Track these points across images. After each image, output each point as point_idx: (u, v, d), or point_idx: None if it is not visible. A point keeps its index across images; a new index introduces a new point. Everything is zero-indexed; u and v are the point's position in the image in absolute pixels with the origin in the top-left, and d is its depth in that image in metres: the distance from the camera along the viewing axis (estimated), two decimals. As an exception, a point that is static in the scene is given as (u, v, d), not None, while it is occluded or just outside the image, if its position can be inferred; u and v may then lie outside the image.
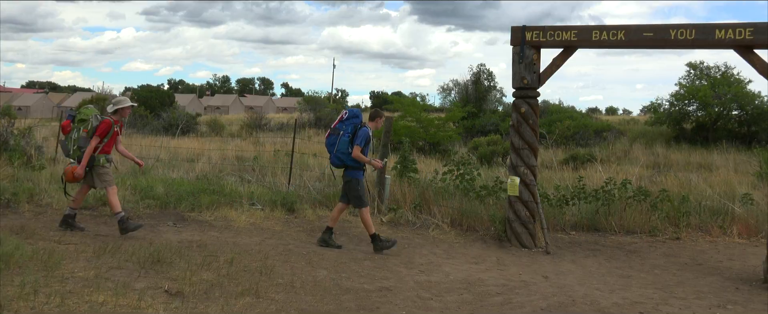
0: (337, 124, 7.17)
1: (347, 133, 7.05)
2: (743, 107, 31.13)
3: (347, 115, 7.16)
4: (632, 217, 9.38)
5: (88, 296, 4.96)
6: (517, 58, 8.09)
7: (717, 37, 7.17)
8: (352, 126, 7.11)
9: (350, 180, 7.19)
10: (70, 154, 7.10)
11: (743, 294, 6.38)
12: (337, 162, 7.16)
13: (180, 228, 8.23)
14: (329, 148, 7.17)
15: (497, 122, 34.50)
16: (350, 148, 7.05)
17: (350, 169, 7.17)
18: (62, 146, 7.16)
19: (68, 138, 7.09)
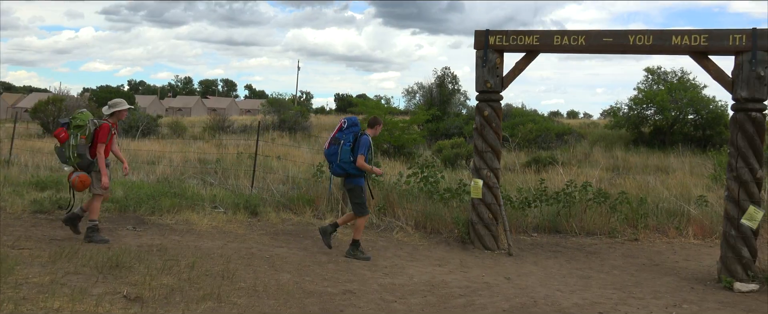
0: (336, 134, 7.15)
1: (348, 142, 7.05)
2: (699, 111, 32.03)
3: (347, 123, 7.15)
4: (592, 219, 9.55)
5: (43, 302, 4.83)
6: (480, 61, 8.17)
7: (673, 43, 7.35)
8: (353, 134, 7.11)
9: (354, 188, 7.19)
10: (67, 161, 6.93)
11: (698, 293, 6.55)
12: (340, 171, 7.15)
13: (140, 232, 8.08)
14: (331, 157, 7.12)
15: (461, 125, 34.77)
16: (352, 156, 7.03)
17: (353, 177, 7.16)
18: (59, 154, 6.96)
19: (66, 145, 6.89)
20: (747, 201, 6.91)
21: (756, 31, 6.91)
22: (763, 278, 6.77)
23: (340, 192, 9.71)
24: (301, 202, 9.79)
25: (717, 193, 11.81)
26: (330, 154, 7.13)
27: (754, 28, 6.93)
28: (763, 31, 6.91)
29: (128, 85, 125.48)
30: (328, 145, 7.17)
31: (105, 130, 6.95)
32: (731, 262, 6.92)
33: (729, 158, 7.16)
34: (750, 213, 6.86)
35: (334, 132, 7.20)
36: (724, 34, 7.06)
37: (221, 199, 9.83)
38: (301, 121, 39.42)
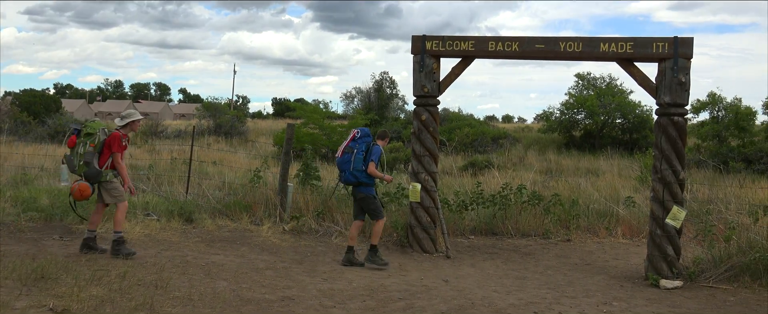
0: (349, 143, 7.35)
1: (361, 151, 7.26)
2: (626, 116, 33.38)
3: (360, 133, 7.38)
4: (527, 221, 9.79)
5: (-39, 318, 4.56)
6: (417, 66, 8.25)
7: (601, 50, 7.62)
8: (365, 144, 7.32)
9: (366, 197, 7.36)
10: (75, 169, 6.72)
11: (627, 291, 6.81)
12: (352, 179, 7.30)
13: (67, 241, 7.75)
14: (344, 165, 7.31)
15: (399, 129, 35.02)
16: (364, 165, 7.22)
17: (364, 186, 7.32)
18: (68, 162, 6.76)
19: (74, 152, 6.70)
20: (671, 202, 7.22)
21: (677, 40, 7.25)
22: (686, 275, 7.10)
23: (277, 198, 9.61)
24: (237, 208, 9.62)
25: (643, 194, 12.32)
26: (343, 162, 7.32)
27: (676, 37, 7.27)
28: (684, 39, 7.26)
29: (54, 89, 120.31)
30: (342, 153, 7.35)
31: (117, 138, 6.80)
32: (657, 260, 7.22)
33: (654, 160, 7.47)
34: (674, 213, 7.18)
35: (347, 141, 7.39)
36: (648, 42, 7.37)
37: (154, 206, 9.55)
38: (238, 125, 38.82)
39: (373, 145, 7.34)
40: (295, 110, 32.68)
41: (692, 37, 7.24)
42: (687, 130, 7.43)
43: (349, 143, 7.34)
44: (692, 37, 7.24)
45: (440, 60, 8.35)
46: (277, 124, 46.75)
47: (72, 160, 6.74)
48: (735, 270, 6.97)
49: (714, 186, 13.19)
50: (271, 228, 9.05)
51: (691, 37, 7.25)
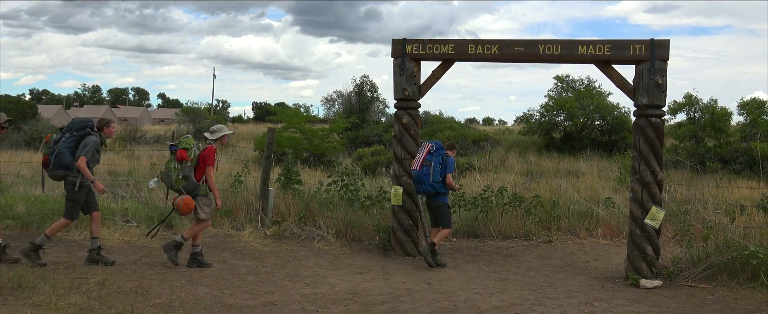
0: (426, 156, 7.76)
1: (438, 164, 7.70)
2: (604, 117, 33.69)
3: (435, 147, 7.81)
4: (508, 223, 9.84)
5: (-65, 329, 4.47)
6: (398, 70, 8.26)
7: (580, 53, 7.69)
8: (441, 156, 7.76)
9: (442, 205, 7.82)
10: (173, 184, 6.75)
11: (608, 291, 6.87)
12: (431, 190, 7.73)
13: (45, 249, 7.62)
14: (423, 177, 7.71)
15: (380, 133, 35.02)
16: (441, 176, 7.65)
17: (440, 195, 7.77)
18: (165, 178, 6.80)
19: (170, 168, 6.74)
20: (650, 202, 7.31)
21: (654, 42, 7.34)
22: (666, 274, 7.18)
23: (258, 202, 9.55)
24: (218, 214, 9.55)
25: (623, 195, 12.45)
26: (422, 174, 7.73)
27: (652, 39, 7.36)
28: (661, 41, 7.35)
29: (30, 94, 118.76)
30: (420, 166, 7.75)
31: (211, 152, 6.88)
32: (637, 260, 7.29)
33: (632, 161, 7.56)
34: (652, 213, 7.26)
35: (424, 154, 7.79)
36: (626, 44, 7.46)
37: (134, 213, 9.45)
38: (218, 130, 38.51)
39: (448, 157, 7.79)
40: (276, 114, 32.53)
41: (668, 40, 7.34)
42: (664, 131, 7.52)
43: (426, 156, 7.74)
44: (668, 40, 7.34)
45: (420, 63, 8.37)
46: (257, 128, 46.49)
47: (169, 175, 6.75)
48: (713, 269, 7.07)
49: (691, 187, 13.37)
50: (253, 233, 9.01)
51: (668, 40, 7.35)
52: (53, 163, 6.50)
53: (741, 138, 27.68)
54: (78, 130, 6.61)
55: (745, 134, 27.75)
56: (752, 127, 27.92)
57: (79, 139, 6.58)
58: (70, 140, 6.55)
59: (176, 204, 6.71)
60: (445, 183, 7.71)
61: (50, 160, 6.52)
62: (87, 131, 6.65)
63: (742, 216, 9.43)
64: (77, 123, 6.72)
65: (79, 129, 6.62)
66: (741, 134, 28.18)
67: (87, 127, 6.67)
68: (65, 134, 6.60)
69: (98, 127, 6.86)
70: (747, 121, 28.78)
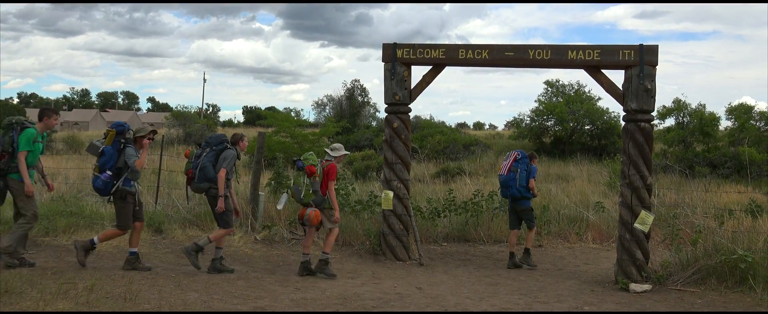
0: (513, 164, 8.34)
1: (523, 170, 8.31)
2: (594, 122, 33.89)
3: (520, 155, 8.43)
4: (499, 227, 9.85)
5: None
6: (389, 74, 8.27)
7: (569, 58, 7.74)
8: (526, 164, 8.36)
9: (526, 209, 8.39)
10: (302, 198, 7.10)
11: (598, 295, 6.89)
12: (517, 193, 8.31)
13: (32, 254, 7.56)
14: (510, 182, 8.32)
15: (371, 137, 35.05)
16: (526, 182, 8.28)
17: (525, 199, 8.35)
18: (295, 192, 7.17)
19: (299, 183, 7.12)
20: (639, 207, 7.34)
21: (643, 47, 7.39)
22: (655, 278, 7.21)
23: (249, 207, 9.52)
24: (208, 218, 9.49)
25: (612, 199, 12.50)
26: (510, 179, 8.32)
27: (641, 45, 7.41)
28: (650, 47, 7.40)
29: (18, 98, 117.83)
30: (507, 171, 8.35)
31: (334, 169, 7.19)
32: (626, 264, 7.32)
33: (622, 166, 7.60)
34: (642, 218, 7.29)
35: (511, 162, 8.39)
36: (615, 49, 7.51)
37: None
38: (208, 134, 38.40)
39: (531, 165, 8.42)
40: (267, 118, 32.47)
41: (657, 45, 7.40)
42: (653, 135, 7.57)
43: (513, 163, 8.34)
44: (657, 45, 7.40)
45: (411, 68, 8.39)
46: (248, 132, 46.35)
47: (299, 190, 7.11)
48: (702, 273, 7.11)
49: (680, 191, 13.45)
50: (243, 237, 8.96)
51: (656, 45, 7.40)
52: (198, 177, 6.85)
53: (729, 142, 27.92)
54: (216, 145, 6.97)
55: (733, 139, 28.00)
56: (740, 131, 28.18)
57: (218, 154, 6.93)
58: (210, 155, 6.91)
59: (308, 216, 7.06)
60: (528, 187, 8.29)
61: (195, 174, 6.87)
62: (225, 145, 7.01)
63: (730, 220, 9.50)
64: (215, 138, 7.09)
65: (217, 144, 6.98)
66: (729, 139, 28.43)
67: (224, 141, 7.04)
68: (205, 149, 6.96)
69: (233, 142, 7.17)
70: (735, 125, 29.05)
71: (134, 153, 6.75)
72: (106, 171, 6.66)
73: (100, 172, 6.70)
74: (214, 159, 6.92)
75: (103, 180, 6.66)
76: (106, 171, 6.66)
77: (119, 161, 6.74)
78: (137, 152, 6.85)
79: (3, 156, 6.66)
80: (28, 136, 6.69)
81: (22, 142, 6.65)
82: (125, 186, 6.77)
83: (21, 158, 6.64)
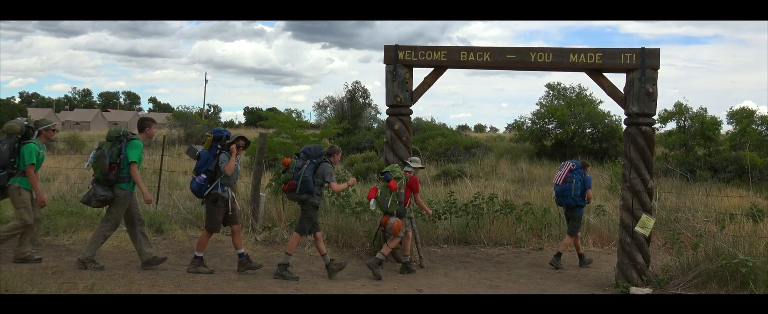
0: (568, 174, 8.68)
1: (579, 180, 8.67)
2: (595, 125, 33.83)
3: (575, 166, 8.78)
4: (499, 230, 9.84)
5: None
6: (390, 76, 8.26)
7: (571, 61, 7.72)
8: (581, 174, 8.72)
9: (579, 216, 8.84)
10: (388, 208, 7.48)
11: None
12: (572, 202, 8.68)
13: (33, 253, 7.55)
14: (566, 192, 8.67)
15: (372, 139, 35.01)
16: (581, 191, 8.66)
17: (579, 208, 8.78)
18: (382, 202, 7.51)
19: (387, 193, 7.48)
20: (640, 210, 7.34)
21: (645, 51, 7.39)
22: (655, 282, 7.20)
23: (249, 208, 9.51)
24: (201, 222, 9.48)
25: (613, 203, 12.49)
26: (566, 189, 8.68)
27: (643, 48, 7.40)
28: (651, 50, 7.40)
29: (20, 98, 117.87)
30: (563, 181, 8.72)
31: (416, 181, 7.78)
32: (627, 268, 7.31)
33: (623, 169, 7.59)
34: (643, 221, 7.28)
35: (566, 172, 8.73)
36: (617, 52, 7.50)
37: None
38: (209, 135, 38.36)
39: (586, 175, 8.79)
40: (268, 119, 32.43)
41: (659, 49, 7.39)
42: (655, 139, 7.56)
43: (568, 174, 8.68)
44: (659, 49, 7.39)
45: (413, 70, 8.38)
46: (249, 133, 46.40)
47: (386, 200, 7.47)
48: (702, 277, 7.09)
49: (681, 195, 13.43)
50: (243, 238, 8.94)
51: (658, 49, 7.40)
52: (300, 188, 7.09)
53: (730, 147, 27.89)
54: (315, 158, 7.24)
55: (735, 143, 27.97)
56: (741, 136, 28.15)
57: (316, 166, 7.19)
58: (311, 167, 7.16)
59: (391, 225, 7.47)
60: (583, 197, 8.70)
61: (297, 185, 7.09)
62: (323, 158, 7.27)
63: (731, 224, 9.49)
64: (313, 150, 7.32)
65: (316, 156, 7.26)
66: (730, 143, 28.40)
67: (322, 154, 7.32)
68: (306, 161, 7.20)
69: (328, 154, 7.44)
70: (736, 130, 29.01)
71: (227, 159, 6.94)
72: (201, 175, 6.86)
73: (196, 175, 6.92)
74: (313, 171, 7.14)
75: (198, 183, 6.88)
76: (201, 174, 6.85)
77: (213, 165, 6.93)
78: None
79: (112, 168, 6.83)
80: (137, 147, 6.92)
81: (133, 153, 6.87)
82: (218, 190, 6.95)
83: (133, 168, 6.87)
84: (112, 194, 6.89)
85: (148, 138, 7.25)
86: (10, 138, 7.06)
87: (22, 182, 7.06)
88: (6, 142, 7.03)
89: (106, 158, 6.71)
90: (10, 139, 7.06)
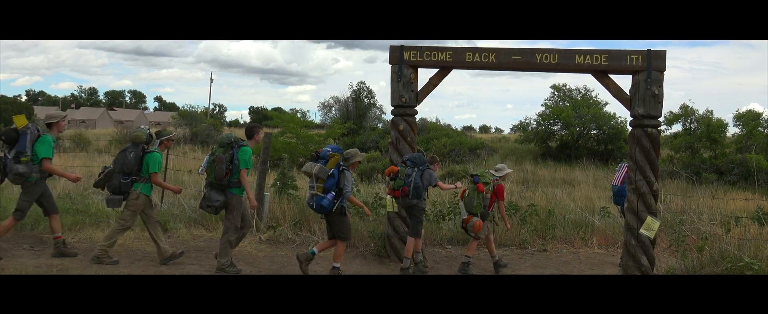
0: (625, 175, 8.91)
1: None
2: (601, 127, 33.74)
3: None
4: (503, 231, 9.81)
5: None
6: (395, 76, 8.26)
7: (577, 62, 7.71)
8: None
9: None
10: (472, 210, 7.86)
11: (602, 300, 6.84)
12: None
13: (38, 251, 7.60)
14: (623, 192, 8.92)
15: (377, 139, 35.01)
16: None
17: None
18: (467, 204, 7.92)
19: (476, 196, 7.84)
20: (645, 212, 7.31)
21: (650, 52, 7.37)
22: (660, 284, 7.17)
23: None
24: (213, 218, 9.52)
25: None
26: (623, 189, 8.99)
27: (649, 50, 7.39)
28: (657, 52, 7.38)
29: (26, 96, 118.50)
30: (621, 182, 9.22)
31: (501, 188, 8.15)
32: (632, 270, 7.29)
33: (628, 171, 7.57)
34: (648, 224, 7.26)
35: (623, 173, 9.19)
36: (623, 54, 7.48)
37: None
38: (215, 134, 38.46)
39: None
40: (273, 119, 32.50)
41: (665, 50, 7.37)
42: (660, 141, 7.54)
43: (625, 175, 8.85)
44: (665, 50, 7.37)
45: (418, 70, 8.38)
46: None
47: (471, 201, 7.86)
48: (707, 280, 7.06)
49: (687, 197, 13.39)
50: (248, 237, 8.97)
51: (664, 50, 7.38)
52: (412, 194, 7.67)
53: (736, 149, 27.79)
54: (421, 165, 7.82)
55: (741, 145, 27.86)
56: (748, 138, 28.04)
57: (422, 172, 7.77)
58: (418, 173, 7.73)
59: (472, 224, 7.80)
60: None
61: (409, 191, 7.68)
62: (427, 166, 7.86)
63: (737, 227, 9.45)
64: (418, 158, 7.88)
65: (421, 164, 7.84)
66: (736, 145, 28.29)
67: (425, 162, 7.92)
68: (414, 169, 7.75)
69: (430, 162, 8.07)
70: (742, 132, 28.90)
71: (351, 177, 7.19)
72: (331, 192, 6.99)
73: (324, 193, 7.00)
74: (420, 177, 7.76)
75: (330, 200, 6.99)
76: (331, 192, 6.99)
77: (340, 183, 7.08)
78: None
79: (227, 172, 7.02)
80: (247, 154, 7.13)
81: (244, 160, 7.08)
82: (343, 203, 7.18)
83: (244, 175, 7.07)
84: (225, 198, 7.09)
85: (256, 144, 7.45)
86: (136, 146, 7.35)
87: (144, 188, 7.36)
88: (133, 150, 7.31)
89: (222, 163, 6.93)
90: (137, 147, 7.34)
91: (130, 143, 7.39)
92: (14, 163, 7.02)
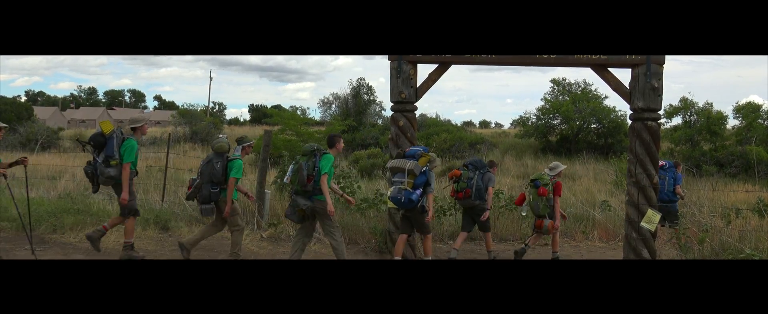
0: (660, 172, 9.01)
1: (671, 177, 9.81)
2: (601, 121, 33.72)
3: (668, 165, 9.80)
4: (505, 226, 9.84)
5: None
6: (395, 72, 8.25)
7: (576, 56, 7.70)
8: (672, 172, 9.84)
9: (673, 211, 9.72)
10: (539, 212, 8.28)
11: (604, 294, 6.85)
12: (666, 197, 9.59)
13: (39, 251, 7.62)
14: (663, 190, 9.48)
15: (377, 135, 35.00)
16: (673, 187, 9.82)
17: (672, 202, 9.79)
18: (533, 206, 8.34)
19: (540, 200, 8.27)
20: (646, 205, 7.32)
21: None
22: (661, 277, 7.18)
23: (255, 205, 9.54)
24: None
25: (619, 198, 12.46)
26: (662, 189, 9.29)
27: (649, 43, 7.37)
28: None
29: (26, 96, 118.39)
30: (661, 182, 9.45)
31: (560, 186, 8.47)
32: (633, 263, 7.29)
33: (628, 165, 7.57)
34: (648, 217, 7.27)
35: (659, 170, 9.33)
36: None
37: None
38: (214, 132, 38.47)
39: (678, 174, 9.96)
40: (272, 117, 32.49)
41: (664, 43, 7.34)
42: (660, 134, 7.53)
43: (661, 171, 9.15)
44: (664, 43, 7.34)
45: (417, 66, 8.37)
46: (254, 130, 46.44)
47: (537, 205, 8.28)
48: (708, 272, 7.06)
49: (687, 190, 13.39)
50: (249, 235, 8.99)
51: (664, 43, 7.35)
52: (474, 195, 8.33)
53: (736, 141, 27.79)
54: (481, 169, 8.47)
55: (741, 138, 27.86)
56: (747, 130, 28.04)
57: (483, 175, 8.42)
58: (479, 176, 8.39)
59: (547, 226, 8.25)
60: (675, 192, 9.79)
61: (472, 193, 8.32)
62: (486, 169, 8.49)
63: (737, 219, 9.46)
64: (479, 162, 8.56)
65: (482, 167, 8.50)
66: (736, 138, 28.30)
67: (485, 166, 8.54)
68: (475, 172, 8.43)
69: (490, 166, 8.64)
70: (742, 124, 28.90)
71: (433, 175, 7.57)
72: (419, 189, 7.29)
73: (413, 189, 7.26)
74: (482, 179, 8.38)
75: (418, 196, 7.28)
76: (419, 189, 7.28)
77: (429, 181, 7.48)
78: None
79: (309, 179, 7.14)
80: (328, 160, 7.24)
81: (325, 166, 7.18)
82: (423, 202, 7.47)
83: (324, 181, 7.14)
84: (312, 204, 7.15)
85: (337, 153, 7.55)
86: (220, 156, 7.47)
87: (234, 195, 7.52)
88: (218, 160, 7.43)
89: (303, 171, 7.05)
90: (221, 157, 7.46)
91: (213, 153, 7.52)
92: (105, 167, 7.35)
